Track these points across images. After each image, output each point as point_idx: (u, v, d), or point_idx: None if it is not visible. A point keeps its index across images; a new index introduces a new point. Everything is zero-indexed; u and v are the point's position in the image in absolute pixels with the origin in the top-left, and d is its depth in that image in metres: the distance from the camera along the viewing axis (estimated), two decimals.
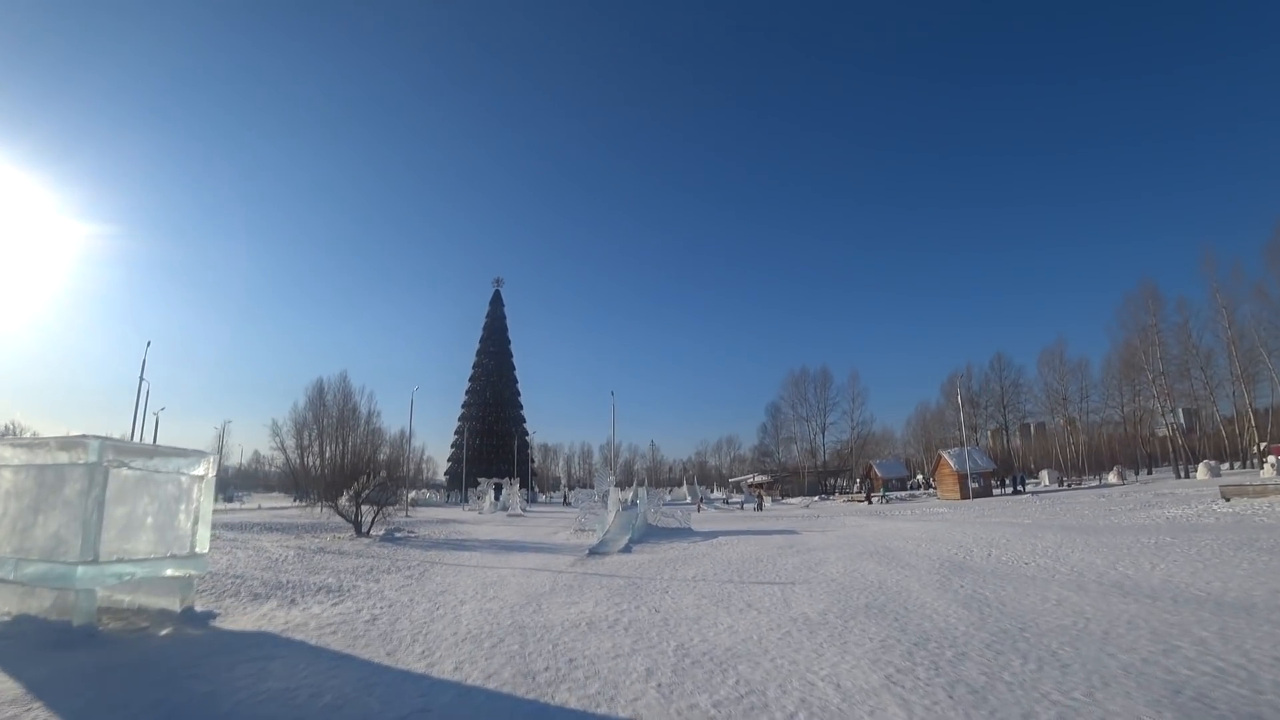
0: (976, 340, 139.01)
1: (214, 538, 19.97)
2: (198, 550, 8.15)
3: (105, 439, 7.15)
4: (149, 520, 7.68)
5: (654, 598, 9.10)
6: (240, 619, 7.84)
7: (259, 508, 41.87)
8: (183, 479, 8.16)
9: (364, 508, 22.93)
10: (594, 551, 16.42)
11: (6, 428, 75.93)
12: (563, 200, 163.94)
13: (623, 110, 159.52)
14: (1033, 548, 12.34)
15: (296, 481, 25.43)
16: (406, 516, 35.91)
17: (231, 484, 72.02)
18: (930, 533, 17.19)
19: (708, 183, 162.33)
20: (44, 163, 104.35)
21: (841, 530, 20.93)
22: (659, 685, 5.01)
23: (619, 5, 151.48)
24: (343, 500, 22.68)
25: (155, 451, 8.22)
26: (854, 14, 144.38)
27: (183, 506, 8.13)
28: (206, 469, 8.40)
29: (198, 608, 8.09)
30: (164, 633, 7.01)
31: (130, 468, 7.46)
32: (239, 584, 10.43)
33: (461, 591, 9.94)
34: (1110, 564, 9.98)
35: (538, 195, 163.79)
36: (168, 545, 7.87)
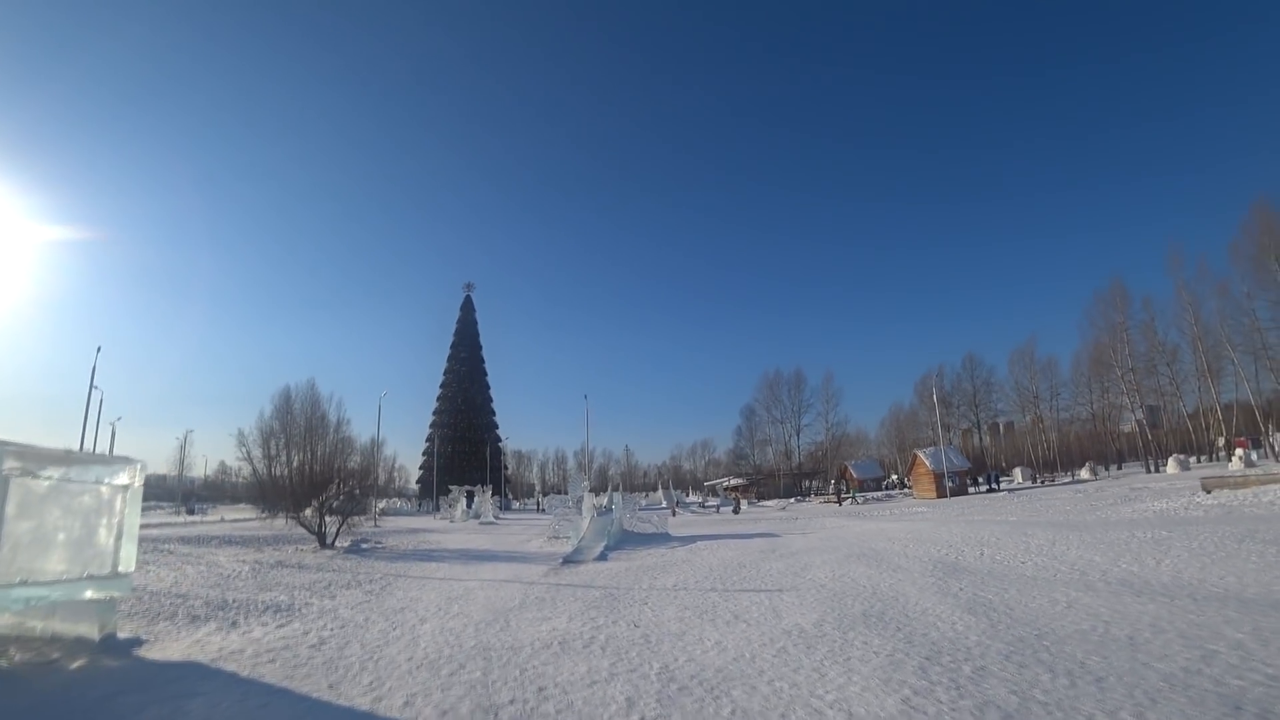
0: (948, 340, 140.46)
1: (167, 553, 18.94)
2: (121, 569, 7.23)
3: (5, 443, 6.26)
4: (61, 536, 6.76)
5: (633, 610, 8.39)
6: (169, 646, 6.96)
7: (221, 520, 40.26)
8: (103, 489, 7.25)
9: (328, 518, 21.93)
10: (568, 560, 15.66)
11: None
12: (534, 203, 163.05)
13: (593, 111, 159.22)
14: (1026, 546, 11.85)
15: (263, 492, 24.19)
16: (375, 526, 34.62)
17: (195, 496, 69.52)
18: (914, 532, 16.70)
19: (677, 183, 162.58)
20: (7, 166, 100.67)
21: (822, 532, 20.40)
22: (643, 719, 4.30)
23: (588, 4, 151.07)
24: (307, 511, 21.61)
25: (70, 459, 7.29)
26: (813, 11, 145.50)
27: (104, 520, 7.21)
28: (132, 478, 7.49)
29: (122, 634, 7.19)
30: (76, 665, 6.14)
31: (38, 477, 6.57)
32: (179, 604, 9.49)
33: (424, 608, 9.14)
34: (1111, 561, 9.49)
35: (509, 198, 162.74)
36: (85, 564, 6.95)
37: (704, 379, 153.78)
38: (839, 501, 47.96)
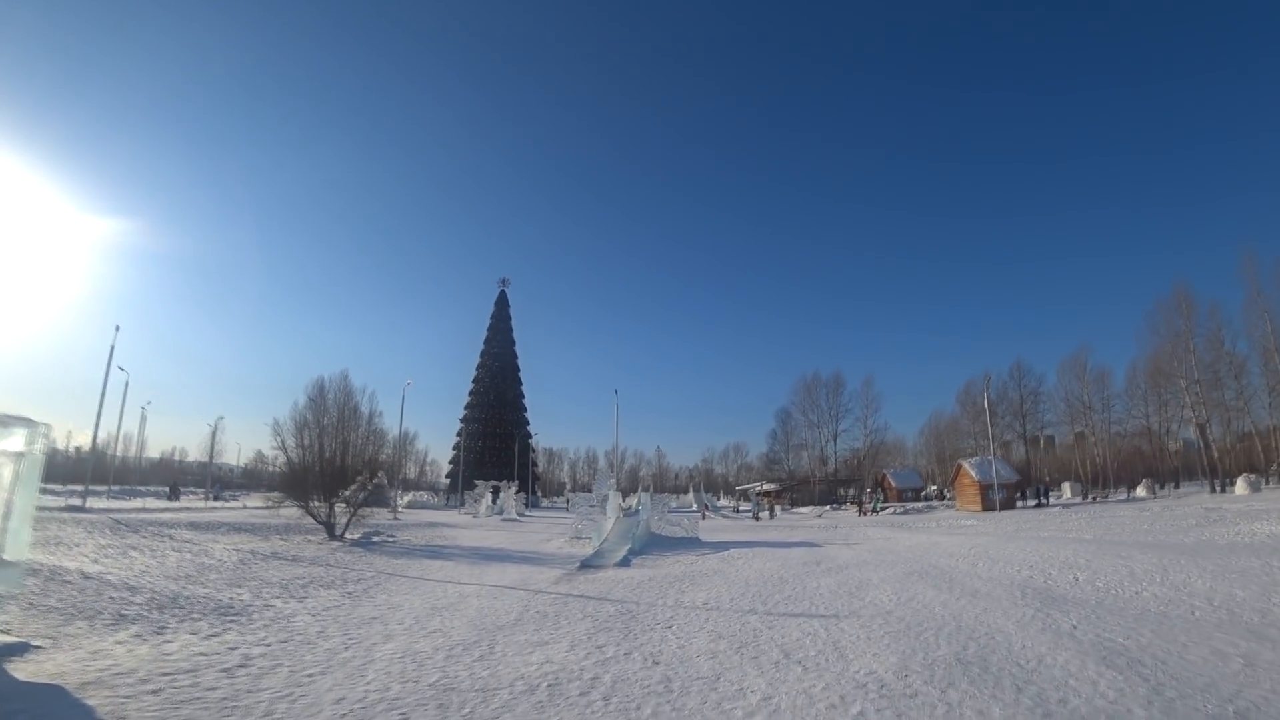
0: (989, 352, 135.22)
1: (164, 538, 17.78)
2: (6, 557, 5.75)
3: None
4: None
5: (653, 637, 6.69)
6: (58, 656, 5.46)
7: (243, 507, 39.57)
8: None
9: (338, 509, 20.70)
10: (586, 564, 14.02)
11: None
12: (571, 203, 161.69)
13: (633, 114, 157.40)
14: (1129, 571, 9.83)
15: (281, 482, 23.17)
16: (395, 519, 33.60)
17: (231, 484, 69.49)
18: (977, 548, 14.72)
19: (719, 189, 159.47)
20: (59, 158, 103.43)
21: (869, 543, 18.47)
22: None
23: (633, 6, 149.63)
24: (316, 502, 20.39)
25: None
26: (873, 19, 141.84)
27: None
28: (29, 443, 5.97)
29: (10, 636, 5.74)
30: None
31: None
32: (118, 600, 8.04)
33: (399, 619, 7.56)
34: (1260, 596, 7.51)
35: (545, 198, 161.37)
36: None
37: (738, 384, 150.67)
38: (861, 512, 45.18)
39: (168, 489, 52.48)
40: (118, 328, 33.09)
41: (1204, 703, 4.20)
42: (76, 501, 30.58)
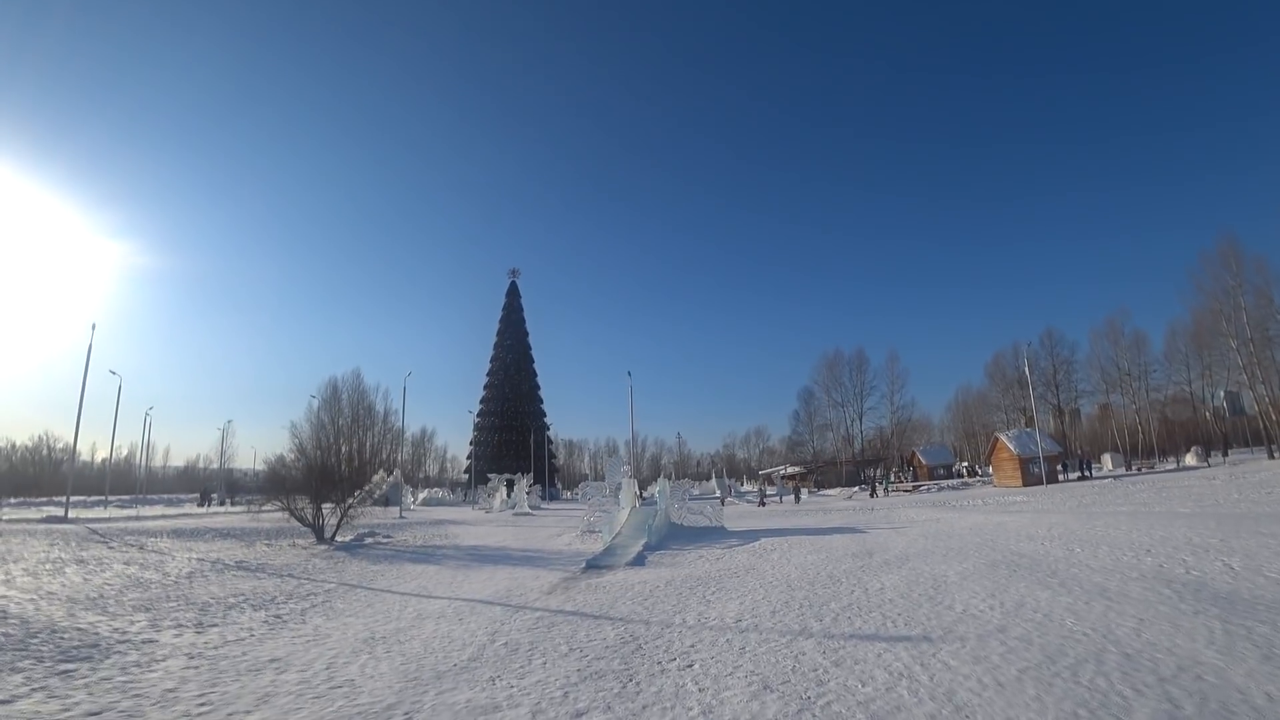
0: (1014, 328, 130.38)
1: (129, 546, 15.90)
2: None
3: None
4: None
5: (664, 687, 4.46)
6: None
7: (248, 511, 37.90)
8: None
9: (325, 509, 18.79)
10: (592, 564, 11.85)
11: (39, 438, 74.13)
12: (583, 197, 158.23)
13: (645, 107, 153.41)
14: None
15: (266, 484, 21.48)
16: (401, 518, 31.74)
17: (242, 487, 68.26)
18: (1056, 528, 12.37)
19: (734, 179, 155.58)
20: (72, 184, 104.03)
21: (917, 526, 16.15)
22: None
23: (645, 5, 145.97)
24: (299, 503, 18.51)
25: None
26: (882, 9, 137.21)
27: None
28: None
29: None
30: None
31: None
32: None
33: (308, 660, 5.41)
34: None
35: (555, 192, 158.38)
36: None
37: (757, 370, 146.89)
38: (873, 494, 41.56)
39: (199, 495, 51.32)
40: (94, 325, 31.35)
41: None
42: (58, 511, 29.15)
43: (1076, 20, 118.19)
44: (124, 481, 63.28)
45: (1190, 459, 48.45)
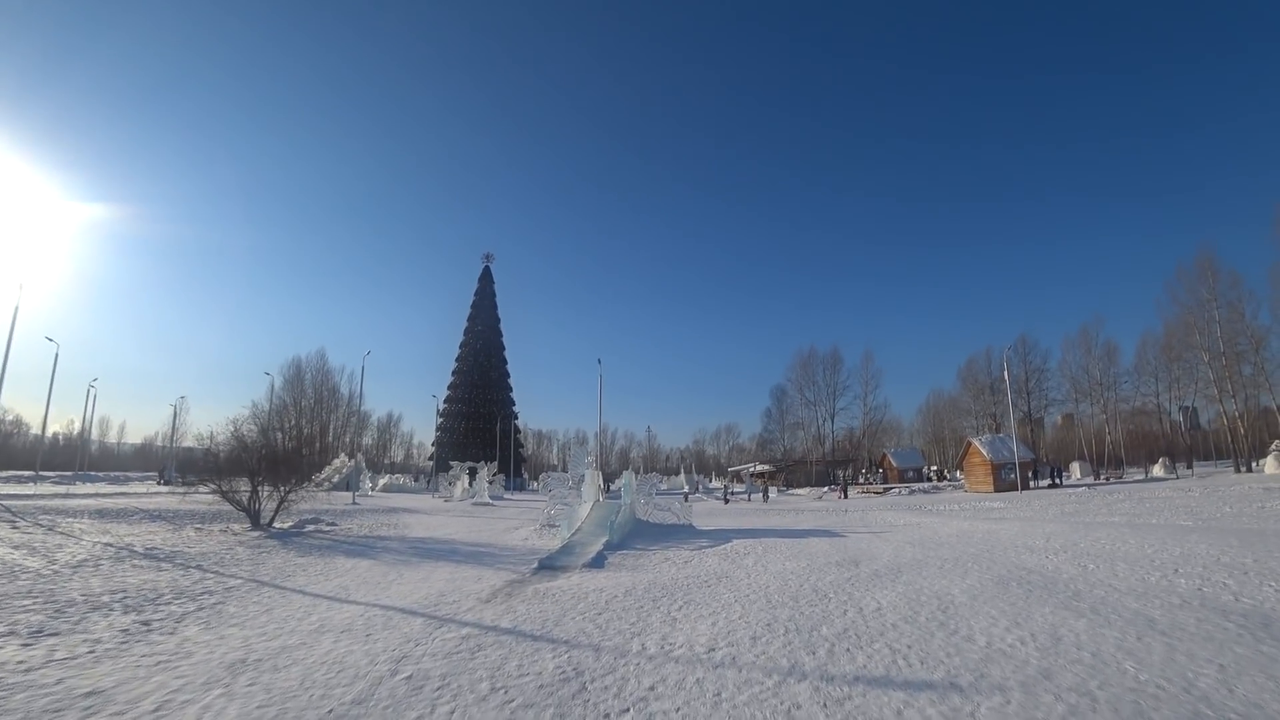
0: (988, 333, 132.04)
1: (42, 528, 14.29)
2: None
3: None
4: None
5: None
6: None
7: (171, 492, 35.68)
8: None
9: (262, 494, 17.20)
10: (545, 565, 10.53)
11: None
12: (560, 187, 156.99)
13: (624, 99, 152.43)
14: None
15: (194, 465, 19.89)
16: (354, 503, 30.08)
17: (195, 467, 65.52)
18: (1054, 539, 11.38)
19: (714, 174, 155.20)
20: (44, 143, 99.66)
21: (898, 531, 15.10)
22: None
23: None
24: (230, 485, 16.91)
25: None
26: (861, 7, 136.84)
27: None
28: None
29: None
30: None
31: None
32: None
33: (133, 696, 4.03)
34: None
35: (533, 181, 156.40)
36: None
37: (730, 366, 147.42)
38: (844, 494, 40.96)
39: (158, 474, 48.98)
40: (20, 285, 29.27)
41: None
42: None
43: (1059, 23, 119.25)
44: (72, 458, 60.31)
45: (1158, 470, 48.59)
